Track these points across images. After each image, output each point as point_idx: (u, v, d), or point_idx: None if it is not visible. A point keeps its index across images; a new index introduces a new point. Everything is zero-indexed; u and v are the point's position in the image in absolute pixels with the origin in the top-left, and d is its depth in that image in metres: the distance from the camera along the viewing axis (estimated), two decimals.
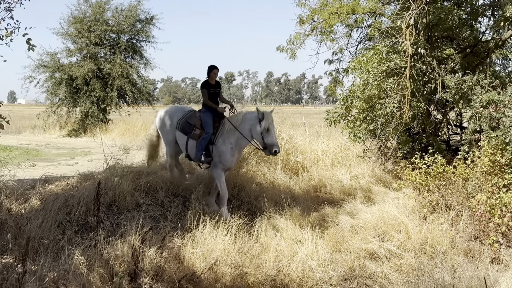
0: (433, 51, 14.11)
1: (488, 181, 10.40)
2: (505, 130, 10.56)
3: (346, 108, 15.12)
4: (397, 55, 13.38)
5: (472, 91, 12.41)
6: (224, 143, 10.89)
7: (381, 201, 12.35)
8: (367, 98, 14.23)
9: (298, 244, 9.00)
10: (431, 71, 13.75)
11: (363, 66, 14.10)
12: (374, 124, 14.50)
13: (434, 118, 15.05)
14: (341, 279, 8.09)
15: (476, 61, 14.84)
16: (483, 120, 11.52)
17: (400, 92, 13.24)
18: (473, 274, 8.06)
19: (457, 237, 9.80)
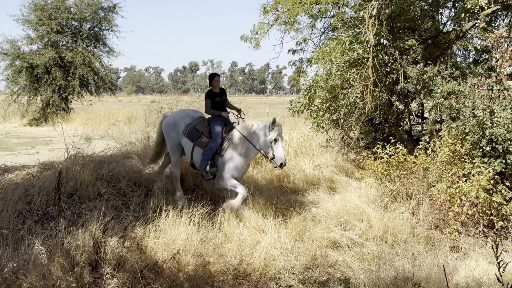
0: (396, 41, 14.23)
1: (448, 171, 10.55)
2: (465, 120, 10.70)
3: (310, 98, 15.17)
4: (360, 45, 13.46)
5: (433, 81, 12.56)
6: (232, 154, 10.52)
7: (343, 190, 12.45)
8: (330, 88, 14.30)
9: (261, 233, 9.02)
10: (393, 61, 13.88)
11: (327, 56, 14.15)
12: (337, 114, 14.58)
13: (396, 109, 15.18)
14: (303, 268, 8.13)
15: (438, 52, 15.02)
16: (443, 110, 11.66)
17: (363, 82, 13.33)
18: (432, 262, 8.17)
19: (418, 226, 9.94)
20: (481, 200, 9.77)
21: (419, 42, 15.33)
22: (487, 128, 10.23)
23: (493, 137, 10.13)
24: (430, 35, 15.33)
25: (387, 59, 13.82)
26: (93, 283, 6.68)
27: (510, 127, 10.16)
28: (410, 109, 16.48)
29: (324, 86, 14.37)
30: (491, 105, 10.72)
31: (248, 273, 7.81)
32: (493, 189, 10.00)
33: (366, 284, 7.34)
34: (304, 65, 18.76)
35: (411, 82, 13.17)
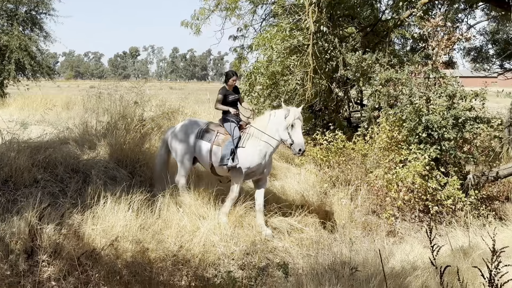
0: (335, 29, 14.35)
1: (385, 157, 10.74)
2: (402, 107, 10.90)
3: (250, 85, 15.17)
4: (300, 32, 13.52)
5: (371, 69, 12.75)
6: (253, 145, 9.80)
7: (283, 176, 12.50)
8: (271, 74, 14.33)
9: (201, 220, 8.98)
10: (333, 49, 14.00)
11: (267, 43, 14.17)
12: (277, 101, 14.61)
13: (336, 96, 15.35)
14: (243, 254, 8.15)
15: (376, 40, 15.23)
16: (381, 97, 11.87)
17: (303, 69, 13.41)
18: (369, 246, 8.32)
19: (356, 211, 10.09)
20: (417, 185, 9.99)
21: (358, 30, 15.51)
22: (423, 115, 10.45)
23: (429, 124, 10.36)
24: (369, 23, 15.54)
25: (327, 46, 13.93)
26: (28, 270, 6.55)
27: (445, 114, 10.40)
28: (350, 96, 16.70)
29: (265, 72, 14.40)
30: (427, 92, 10.95)
31: (188, 259, 7.78)
32: (429, 175, 10.24)
33: (305, 269, 7.41)
34: (245, 52, 18.75)
35: (350, 69, 13.34)
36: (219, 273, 7.38)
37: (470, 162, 10.98)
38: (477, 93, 10.94)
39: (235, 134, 9.89)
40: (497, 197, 11.44)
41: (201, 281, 7.33)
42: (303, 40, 13.41)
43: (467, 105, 10.85)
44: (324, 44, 13.87)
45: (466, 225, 9.58)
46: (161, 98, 16.74)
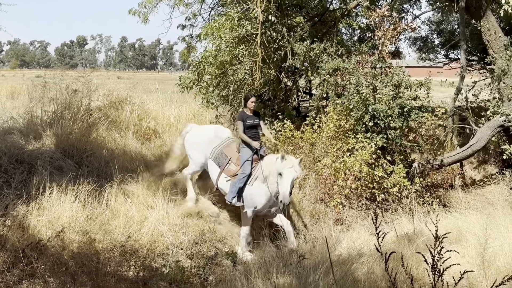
0: (284, 18, 14.35)
1: (333, 146, 10.85)
2: (349, 96, 11.02)
3: (199, 74, 15.08)
4: (249, 21, 13.47)
5: (319, 58, 12.82)
6: (259, 187, 9.26)
7: None
8: (220, 64, 14.27)
9: (149, 210, 8.93)
10: (281, 38, 14.01)
11: (216, 32, 14.08)
12: (226, 90, 14.57)
13: (285, 85, 15.39)
14: (191, 243, 8.17)
15: (324, 29, 15.32)
16: (329, 87, 11.97)
17: (251, 58, 13.38)
18: (317, 234, 8.41)
19: (304, 199, 10.18)
20: (364, 174, 10.13)
21: (306, 19, 15.56)
22: (370, 105, 10.59)
23: (375, 113, 10.50)
24: (317, 12, 15.61)
25: (275, 35, 13.94)
26: None
27: (391, 104, 10.56)
28: (298, 86, 16.75)
29: (214, 62, 14.32)
30: (374, 82, 11.09)
31: (136, 249, 7.75)
32: (375, 163, 10.41)
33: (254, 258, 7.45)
34: (194, 41, 18.60)
35: (298, 58, 13.39)
36: (167, 262, 7.37)
37: (415, 151, 11.20)
38: (422, 82, 11.16)
39: (245, 170, 9.38)
40: (441, 185, 11.69)
41: (149, 271, 7.32)
42: (252, 29, 13.38)
43: (412, 95, 11.06)
44: (272, 34, 13.87)
45: (411, 212, 9.77)
46: (109, 88, 16.49)
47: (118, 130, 13.96)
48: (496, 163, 13.53)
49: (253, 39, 13.31)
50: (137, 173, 10.34)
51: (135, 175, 10.35)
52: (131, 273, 7.28)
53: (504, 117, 10.88)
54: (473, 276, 5.78)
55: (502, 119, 10.95)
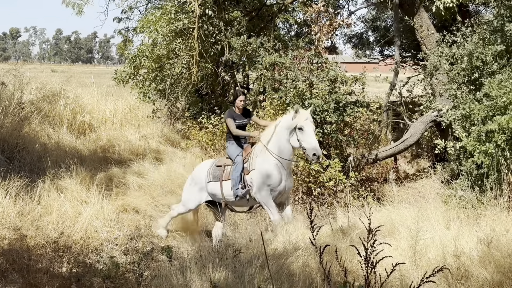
0: (221, 13, 14.33)
1: None
2: (286, 91, 11.09)
3: (135, 68, 14.91)
4: (186, 15, 13.41)
5: (256, 53, 12.84)
6: (265, 161, 8.62)
7: (169, 160, 12.44)
8: (156, 58, 14.16)
9: (83, 205, 8.76)
10: (218, 32, 13.99)
11: (152, 26, 13.95)
12: (163, 84, 14.47)
13: (222, 79, 15.38)
14: (127, 239, 8.04)
15: (261, 24, 15.40)
16: (266, 81, 12.01)
17: (188, 52, 13.32)
18: (254, 229, 8.41)
19: None
20: (301, 168, 10.21)
21: (243, 14, 15.57)
22: (306, 99, 10.68)
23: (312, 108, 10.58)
24: (254, 7, 15.67)
25: (213, 30, 13.92)
26: None
27: (327, 98, 10.67)
28: (236, 80, 16.78)
29: (150, 55, 14.20)
30: (310, 77, 11.19)
31: (69, 245, 7.58)
32: None
33: (190, 252, 7.41)
34: (131, 34, 18.40)
35: (235, 53, 13.39)
36: (102, 258, 7.25)
37: (351, 145, 11.37)
38: (357, 78, 11.32)
39: (238, 159, 8.82)
40: (376, 179, 11.90)
41: (83, 267, 7.18)
42: (189, 23, 13.32)
43: (348, 90, 11.22)
44: (209, 28, 13.84)
45: (346, 206, 9.91)
46: (42, 81, 16.14)
47: (51, 124, 13.67)
48: (429, 157, 13.88)
49: (190, 33, 13.25)
50: (71, 168, 10.13)
51: (68, 170, 10.14)
52: (64, 269, 7.12)
53: (436, 112, 11.14)
54: (405, 268, 5.89)
55: (434, 114, 11.21)
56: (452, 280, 5.71)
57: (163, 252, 7.44)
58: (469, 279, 5.75)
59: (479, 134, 9.24)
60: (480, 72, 10.19)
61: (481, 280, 5.67)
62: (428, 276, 3.77)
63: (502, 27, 10.12)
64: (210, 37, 13.95)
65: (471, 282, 5.71)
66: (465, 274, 5.81)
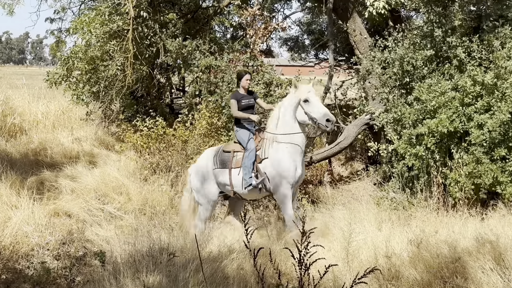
0: (156, 15, 14.22)
1: (205, 143, 10.89)
2: (221, 94, 11.11)
3: (68, 70, 14.62)
4: (120, 17, 13.25)
5: (192, 56, 12.82)
6: (278, 150, 8.33)
7: (103, 164, 12.24)
8: (90, 59, 13.93)
9: (13, 209, 8.54)
10: (154, 35, 13.89)
11: (86, 27, 13.73)
12: (97, 87, 14.25)
13: (158, 82, 15.28)
14: (58, 244, 7.88)
15: (197, 27, 15.38)
16: (202, 84, 12.01)
17: (123, 54, 13.18)
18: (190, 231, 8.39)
19: (176, 197, 10.16)
20: None
21: (179, 16, 15.51)
22: None
23: None
24: (190, 10, 15.64)
25: (147, 32, 13.80)
26: None
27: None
28: (172, 83, 16.70)
29: (83, 57, 13.96)
30: None
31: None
32: None
33: (123, 256, 7.31)
34: (64, 35, 18.04)
35: (171, 55, 13.32)
36: (32, 264, 7.09)
37: None
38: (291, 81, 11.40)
39: (250, 146, 8.42)
40: (311, 181, 12.00)
41: (13, 274, 7.00)
42: (123, 25, 13.16)
43: (283, 93, 11.31)
44: (144, 30, 13.71)
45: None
46: None
47: None
48: (362, 159, 14.11)
49: (125, 34, 13.10)
50: (0, 172, 9.86)
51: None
52: None
53: (369, 116, 11.34)
54: (338, 270, 5.99)
55: (367, 117, 11.41)
56: (384, 281, 5.83)
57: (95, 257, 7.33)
58: (399, 279, 5.89)
59: (410, 137, 9.47)
60: (410, 76, 10.44)
61: (411, 280, 5.81)
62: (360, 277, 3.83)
63: (431, 32, 10.39)
64: (145, 39, 13.83)
65: (402, 283, 5.84)
66: (396, 274, 5.95)
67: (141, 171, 11.02)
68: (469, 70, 9.44)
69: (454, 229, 7.60)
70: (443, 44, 10.24)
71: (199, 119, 11.34)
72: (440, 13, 10.64)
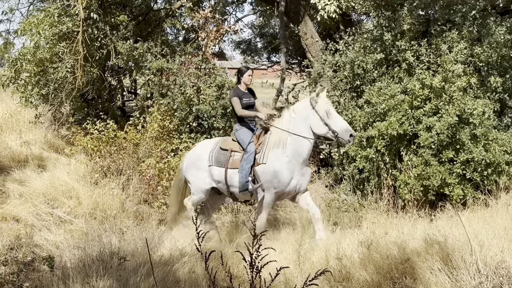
0: (107, 16, 14.05)
1: (157, 146, 10.83)
2: (173, 97, 11.06)
3: (16, 72, 14.30)
4: (70, 18, 13.05)
5: (143, 58, 12.71)
6: (278, 158, 7.91)
7: (53, 167, 12.02)
8: (39, 61, 13.66)
9: None
10: (104, 36, 13.73)
11: (34, 28, 13.47)
12: (46, 89, 14.00)
13: (109, 84, 15.12)
14: (6, 249, 7.72)
15: (149, 29, 15.27)
16: (153, 87, 11.93)
17: (73, 56, 12.99)
18: (141, 236, 8.31)
19: (127, 201, 10.06)
20: None
21: (130, 18, 15.37)
22: (194, 105, 10.72)
23: (199, 114, 10.64)
24: (141, 12, 15.53)
25: (98, 33, 13.63)
26: None
27: (215, 104, 10.74)
28: (123, 85, 16.55)
29: (32, 59, 13.68)
30: (198, 83, 11.22)
31: None
32: None
33: (73, 261, 7.21)
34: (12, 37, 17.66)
35: (122, 58, 13.20)
36: None
37: None
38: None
39: (250, 148, 8.06)
40: None
41: None
42: (73, 26, 12.97)
43: None
44: (95, 32, 13.54)
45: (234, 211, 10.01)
46: None
47: None
48: (314, 162, 14.20)
49: (75, 36, 12.92)
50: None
51: None
52: None
53: None
54: (290, 272, 6.01)
55: None
56: (334, 282, 5.87)
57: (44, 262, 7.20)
58: (350, 280, 5.94)
59: (360, 139, 9.59)
60: (361, 79, 10.60)
61: (362, 282, 5.87)
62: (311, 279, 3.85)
63: (381, 36, 10.56)
64: (95, 41, 13.65)
65: (352, 284, 5.89)
66: (346, 276, 5.99)
67: (91, 174, 10.86)
68: (418, 73, 9.63)
69: (403, 230, 7.71)
70: (393, 48, 10.42)
71: (150, 122, 11.26)
72: (389, 17, 10.82)
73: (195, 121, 10.71)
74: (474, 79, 9.50)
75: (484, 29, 10.03)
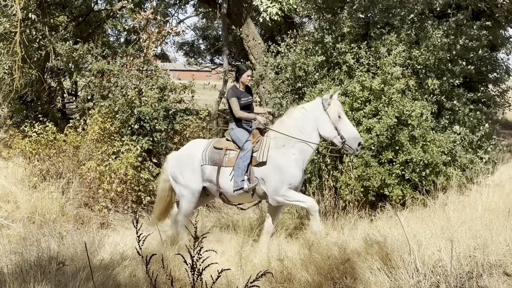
0: (45, 17, 13.80)
1: (98, 149, 10.69)
2: (114, 99, 10.93)
3: None
4: (7, 19, 12.75)
5: (83, 59, 12.53)
6: (284, 154, 7.67)
7: None
8: None
9: None
10: (43, 37, 13.48)
11: None
12: None
13: (49, 86, 14.85)
14: None
15: (89, 30, 15.06)
16: (94, 89, 11.77)
17: (11, 57, 12.69)
18: (81, 240, 8.18)
19: (67, 204, 9.89)
20: (130, 177, 10.11)
21: (70, 19, 15.14)
22: (136, 107, 10.62)
23: (141, 116, 10.56)
24: (81, 12, 15.30)
25: (36, 34, 13.37)
26: None
27: (157, 106, 10.66)
28: (63, 87, 16.27)
29: None
30: (139, 84, 11.12)
31: None
32: (141, 166, 10.46)
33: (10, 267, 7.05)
34: None
35: (61, 59, 12.98)
36: None
37: None
38: (186, 86, 11.42)
39: (247, 146, 7.76)
40: None
41: None
42: (10, 27, 12.67)
43: (177, 97, 11.30)
44: (33, 32, 13.28)
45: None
46: None
47: None
48: None
49: (12, 37, 12.62)
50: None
51: None
52: None
53: None
54: (232, 274, 6.02)
55: None
56: (276, 284, 5.91)
57: None
58: (292, 281, 5.98)
59: None
60: (303, 81, 10.69)
61: (303, 282, 5.92)
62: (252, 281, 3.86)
63: (322, 39, 10.68)
64: (34, 42, 13.38)
65: (294, 285, 5.94)
66: (288, 277, 6.04)
67: (30, 178, 10.62)
68: (358, 75, 9.78)
69: (344, 231, 7.82)
70: (333, 50, 10.55)
71: (91, 124, 11.09)
72: (330, 20, 10.97)
73: (137, 123, 10.59)
74: (412, 81, 9.70)
75: (422, 32, 10.25)
